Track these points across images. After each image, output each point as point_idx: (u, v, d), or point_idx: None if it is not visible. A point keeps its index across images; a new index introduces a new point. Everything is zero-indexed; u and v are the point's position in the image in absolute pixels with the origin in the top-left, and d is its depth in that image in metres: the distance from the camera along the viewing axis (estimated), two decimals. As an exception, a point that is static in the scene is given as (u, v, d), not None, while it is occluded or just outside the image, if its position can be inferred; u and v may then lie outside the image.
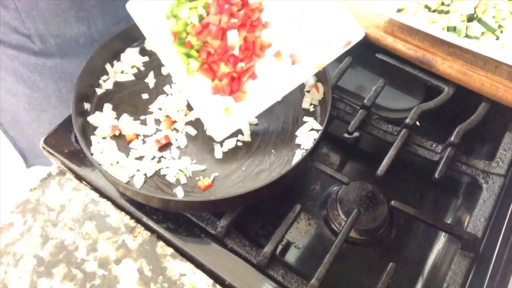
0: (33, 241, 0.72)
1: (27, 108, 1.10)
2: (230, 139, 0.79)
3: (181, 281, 0.69)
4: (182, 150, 0.79)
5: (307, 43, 0.80)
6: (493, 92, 0.83)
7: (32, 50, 0.98)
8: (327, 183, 0.84)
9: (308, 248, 0.78)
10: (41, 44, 0.97)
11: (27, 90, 1.05)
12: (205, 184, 0.74)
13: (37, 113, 1.11)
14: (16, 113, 1.14)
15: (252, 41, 0.79)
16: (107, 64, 0.87)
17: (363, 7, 0.93)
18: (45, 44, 0.97)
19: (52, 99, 1.07)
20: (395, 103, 0.92)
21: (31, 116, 1.12)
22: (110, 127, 0.80)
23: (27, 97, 1.07)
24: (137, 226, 0.74)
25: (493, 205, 0.75)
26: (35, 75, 1.02)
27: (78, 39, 0.98)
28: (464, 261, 0.70)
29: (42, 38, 0.95)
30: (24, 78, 1.02)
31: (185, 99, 0.83)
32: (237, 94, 0.78)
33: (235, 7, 0.77)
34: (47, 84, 1.04)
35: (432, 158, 0.80)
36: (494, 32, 0.84)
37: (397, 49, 0.89)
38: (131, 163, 0.76)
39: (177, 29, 0.78)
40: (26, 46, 0.97)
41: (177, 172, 0.76)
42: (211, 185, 0.74)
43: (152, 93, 0.86)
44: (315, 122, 0.81)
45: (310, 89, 0.85)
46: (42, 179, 0.79)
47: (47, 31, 0.95)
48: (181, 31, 0.78)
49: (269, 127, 0.82)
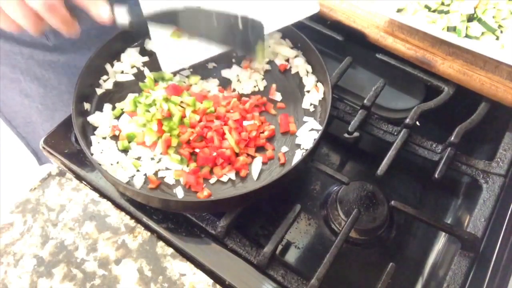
0: (33, 241, 0.72)
1: (40, 109, 1.12)
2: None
3: (181, 281, 0.69)
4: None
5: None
6: (493, 92, 0.83)
7: (47, 47, 0.99)
8: (327, 183, 0.84)
9: (308, 248, 0.78)
10: (55, 40, 0.98)
11: (41, 89, 1.07)
12: (204, 195, 0.73)
13: (50, 113, 1.13)
14: (29, 115, 1.15)
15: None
16: (107, 64, 0.87)
17: (363, 7, 0.93)
18: (59, 39, 0.98)
19: (65, 96, 1.09)
20: (395, 103, 0.92)
21: (43, 116, 1.14)
22: (110, 127, 0.80)
23: (40, 96, 1.08)
24: (137, 226, 0.74)
25: (493, 205, 0.75)
26: (49, 73, 1.04)
27: (90, 31, 0.99)
28: (464, 261, 0.70)
29: (56, 33, 0.96)
30: (38, 77, 1.04)
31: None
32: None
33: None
34: (60, 81, 1.06)
35: (432, 158, 0.80)
36: (494, 32, 0.84)
37: (397, 49, 0.89)
38: (131, 163, 0.76)
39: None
40: (40, 43, 0.98)
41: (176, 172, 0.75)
42: (210, 195, 0.74)
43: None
44: (315, 122, 0.81)
45: (310, 89, 0.85)
46: (42, 179, 0.79)
47: None
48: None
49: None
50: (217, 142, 0.76)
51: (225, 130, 0.77)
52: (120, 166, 0.75)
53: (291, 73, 0.89)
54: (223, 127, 0.78)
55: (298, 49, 0.90)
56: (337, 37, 0.92)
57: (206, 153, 0.75)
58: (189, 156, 0.76)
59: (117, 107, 0.82)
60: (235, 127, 0.78)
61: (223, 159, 0.75)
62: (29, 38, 0.97)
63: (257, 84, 0.87)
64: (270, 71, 0.89)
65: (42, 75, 1.04)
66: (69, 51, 1.01)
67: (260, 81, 0.87)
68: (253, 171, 0.76)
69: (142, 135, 0.77)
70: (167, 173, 0.75)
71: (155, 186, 0.74)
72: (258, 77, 0.87)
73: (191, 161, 0.76)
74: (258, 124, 0.79)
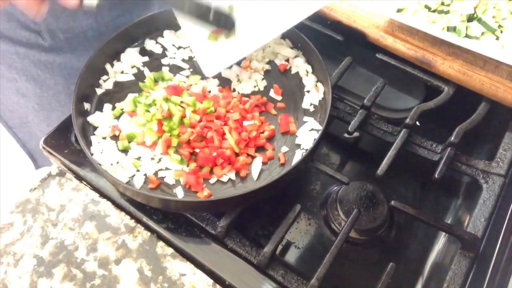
0: (33, 241, 0.72)
1: (36, 108, 1.11)
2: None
3: (181, 281, 0.69)
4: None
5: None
6: (493, 92, 0.83)
7: (43, 47, 0.99)
8: (327, 183, 0.84)
9: (308, 248, 0.78)
10: (51, 40, 0.98)
11: (37, 89, 1.06)
12: (204, 195, 0.73)
13: (46, 113, 1.12)
14: (25, 115, 1.15)
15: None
16: (107, 64, 0.87)
17: (363, 7, 0.93)
18: (55, 39, 0.98)
19: (61, 97, 1.09)
20: (395, 103, 0.92)
21: (40, 116, 1.14)
22: (110, 127, 0.80)
23: (37, 96, 1.08)
24: (137, 226, 0.74)
25: (493, 205, 0.75)
26: (45, 73, 1.03)
27: (86, 32, 0.99)
28: (464, 261, 0.70)
29: (52, 34, 0.97)
30: (34, 77, 1.04)
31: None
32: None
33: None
34: (56, 81, 1.06)
35: (432, 158, 0.80)
36: (494, 32, 0.84)
37: (397, 49, 0.89)
38: (131, 163, 0.76)
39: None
40: (36, 43, 0.98)
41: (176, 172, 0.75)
42: (210, 195, 0.74)
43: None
44: (315, 122, 0.81)
45: (310, 89, 0.85)
46: (42, 179, 0.79)
47: (57, 26, 0.96)
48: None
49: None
50: (217, 142, 0.76)
51: (225, 130, 0.77)
52: (120, 166, 0.75)
53: (291, 73, 0.89)
54: (223, 127, 0.78)
55: (298, 49, 0.90)
56: (337, 37, 0.92)
57: (206, 153, 0.75)
58: (189, 156, 0.76)
59: (117, 107, 0.82)
60: (235, 127, 0.78)
61: (223, 159, 0.75)
62: (25, 38, 0.96)
63: (257, 84, 0.87)
64: (270, 71, 0.89)
65: (38, 75, 1.03)
66: (65, 51, 1.01)
67: (260, 81, 0.87)
68: (253, 171, 0.76)
69: (142, 135, 0.77)
70: (167, 173, 0.75)
71: (155, 186, 0.74)
72: (258, 77, 0.87)
73: (191, 161, 0.76)
74: (258, 124, 0.80)
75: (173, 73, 0.87)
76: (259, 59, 0.90)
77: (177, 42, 0.92)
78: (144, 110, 0.79)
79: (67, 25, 0.96)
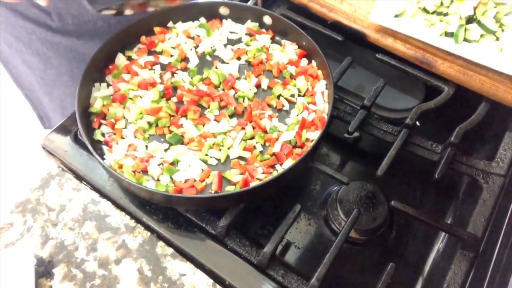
0: (33, 241, 0.72)
1: (40, 82, 1.15)
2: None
3: (181, 281, 0.69)
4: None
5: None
6: (493, 92, 0.83)
7: (50, 27, 1.01)
8: (327, 183, 0.85)
9: (308, 248, 0.78)
10: (59, 22, 1.00)
11: (41, 65, 1.09)
12: (202, 185, 0.73)
13: (49, 89, 1.16)
14: (32, 84, 1.20)
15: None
16: (119, 53, 0.87)
17: (363, 7, 0.93)
18: (63, 22, 1.00)
19: (64, 77, 1.11)
20: (395, 103, 0.92)
21: (43, 90, 1.18)
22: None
23: (40, 71, 1.11)
24: (137, 226, 0.74)
25: (493, 205, 0.75)
26: (50, 51, 1.06)
27: (96, 22, 1.01)
28: (464, 261, 0.70)
29: (60, 16, 0.99)
30: (40, 53, 1.07)
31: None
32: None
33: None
34: (60, 62, 1.08)
35: (432, 158, 0.80)
36: (494, 33, 0.84)
37: (397, 49, 0.89)
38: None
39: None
40: (44, 22, 1.00)
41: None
42: (204, 188, 0.73)
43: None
44: (315, 122, 0.81)
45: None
46: (42, 179, 0.79)
47: (66, 10, 0.98)
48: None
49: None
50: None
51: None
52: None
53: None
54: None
55: (303, 48, 0.89)
56: (337, 37, 0.92)
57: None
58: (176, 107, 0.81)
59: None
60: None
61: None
62: (34, 15, 0.99)
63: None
64: (270, 71, 0.89)
65: (43, 52, 1.06)
66: (72, 35, 1.03)
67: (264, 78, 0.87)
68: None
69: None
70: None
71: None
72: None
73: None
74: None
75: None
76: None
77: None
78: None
79: (77, 11, 0.99)
